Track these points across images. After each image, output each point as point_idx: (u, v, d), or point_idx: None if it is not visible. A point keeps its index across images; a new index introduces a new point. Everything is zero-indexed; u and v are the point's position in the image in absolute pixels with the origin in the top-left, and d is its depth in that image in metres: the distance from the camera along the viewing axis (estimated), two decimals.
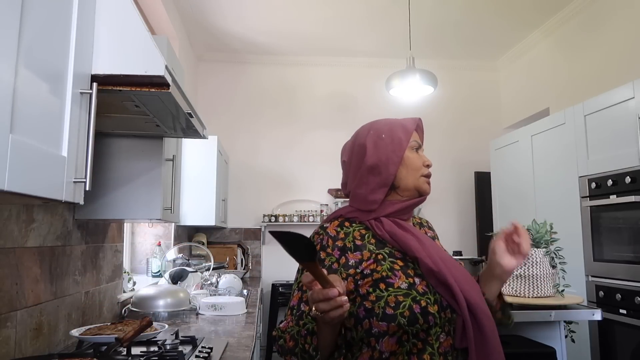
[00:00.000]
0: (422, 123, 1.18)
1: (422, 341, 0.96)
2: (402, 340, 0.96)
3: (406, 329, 0.94)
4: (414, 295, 0.96)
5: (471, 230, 4.79)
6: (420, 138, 1.15)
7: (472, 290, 1.00)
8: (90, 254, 1.94)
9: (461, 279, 0.99)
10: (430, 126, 4.85)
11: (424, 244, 1.03)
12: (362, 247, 1.04)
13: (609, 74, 3.35)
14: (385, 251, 1.03)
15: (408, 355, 0.95)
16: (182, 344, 1.62)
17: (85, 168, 1.00)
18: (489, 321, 0.97)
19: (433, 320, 0.95)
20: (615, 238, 2.65)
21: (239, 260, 4.33)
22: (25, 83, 0.80)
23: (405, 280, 0.98)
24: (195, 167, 3.49)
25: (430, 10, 3.80)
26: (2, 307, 1.30)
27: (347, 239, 1.05)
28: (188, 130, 1.72)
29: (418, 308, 0.95)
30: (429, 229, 1.22)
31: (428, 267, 0.99)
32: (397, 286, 0.97)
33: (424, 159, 1.13)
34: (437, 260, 0.99)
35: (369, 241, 1.05)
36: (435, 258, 1.00)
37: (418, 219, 1.22)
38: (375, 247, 1.04)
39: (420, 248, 1.01)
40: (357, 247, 1.04)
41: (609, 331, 2.64)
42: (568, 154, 3.08)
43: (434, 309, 0.96)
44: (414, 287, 0.98)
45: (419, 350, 0.95)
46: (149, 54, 1.14)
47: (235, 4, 3.74)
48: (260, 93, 4.79)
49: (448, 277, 0.97)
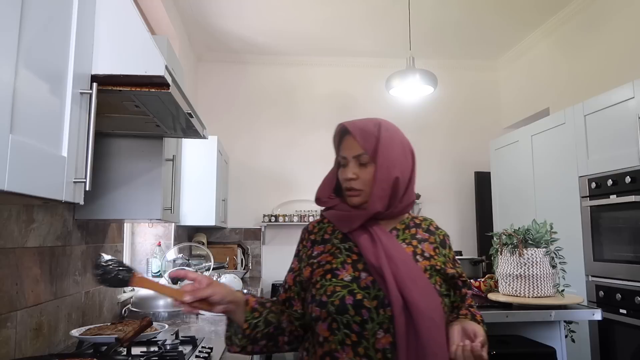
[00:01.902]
0: (355, 128, 1.09)
1: (356, 334, 0.98)
2: (333, 328, 1.00)
3: (335, 317, 0.99)
4: (353, 288, 1.00)
5: (471, 230, 4.79)
6: (360, 145, 1.07)
7: (416, 290, 0.97)
8: (90, 254, 1.94)
9: (405, 278, 0.98)
10: (430, 126, 4.89)
11: (375, 242, 1.04)
12: (328, 241, 1.12)
13: (609, 74, 3.35)
14: (345, 246, 1.09)
15: (341, 344, 0.98)
16: (182, 344, 1.62)
17: (85, 168, 1.00)
18: (426, 322, 0.95)
19: (367, 315, 0.98)
20: (615, 238, 2.65)
21: (239, 260, 4.33)
22: (25, 83, 0.79)
23: (352, 273, 1.03)
24: (195, 167, 3.49)
25: (430, 10, 3.80)
26: (2, 307, 1.30)
27: (318, 233, 1.15)
28: (188, 130, 1.72)
29: (351, 300, 0.99)
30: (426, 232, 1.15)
31: (370, 263, 1.02)
32: (341, 278, 1.02)
33: (344, 173, 1.10)
34: (381, 257, 1.01)
35: (336, 236, 1.12)
36: (380, 255, 1.01)
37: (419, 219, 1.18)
38: (340, 242, 1.10)
39: (370, 246, 1.04)
40: (324, 240, 1.13)
41: (609, 331, 2.64)
42: (568, 154, 3.08)
43: (371, 303, 0.98)
44: (357, 280, 1.02)
45: (354, 343, 0.98)
46: (149, 54, 1.14)
47: (235, 4, 3.74)
48: (260, 93, 4.79)
49: (386, 273, 0.99)
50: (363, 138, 1.07)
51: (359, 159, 1.08)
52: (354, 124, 1.11)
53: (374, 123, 1.11)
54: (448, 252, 1.15)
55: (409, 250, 1.08)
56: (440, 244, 1.14)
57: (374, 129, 1.09)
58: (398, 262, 1.01)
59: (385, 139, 1.08)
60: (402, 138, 1.15)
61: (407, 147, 1.14)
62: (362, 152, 1.07)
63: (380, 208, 1.06)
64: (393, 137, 1.11)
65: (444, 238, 1.17)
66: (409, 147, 1.15)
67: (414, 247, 1.10)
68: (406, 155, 1.12)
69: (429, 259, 1.08)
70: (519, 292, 2.07)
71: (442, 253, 1.13)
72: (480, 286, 2.37)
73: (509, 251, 2.12)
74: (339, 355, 0.98)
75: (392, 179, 1.07)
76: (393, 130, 1.13)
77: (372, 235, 1.06)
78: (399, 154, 1.10)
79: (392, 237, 1.08)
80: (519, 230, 2.14)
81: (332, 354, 0.99)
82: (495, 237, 2.25)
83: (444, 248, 1.15)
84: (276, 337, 1.09)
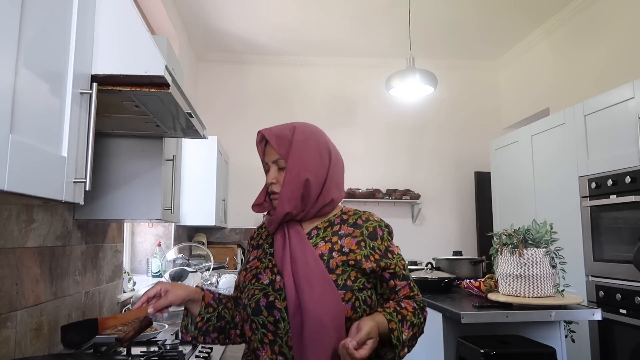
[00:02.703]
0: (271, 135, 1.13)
1: (272, 333, 1.04)
2: (253, 328, 1.07)
3: (252, 318, 1.06)
4: (268, 290, 1.07)
5: (471, 230, 4.79)
6: (276, 150, 1.11)
7: (309, 292, 1.00)
8: (90, 254, 1.94)
9: (302, 280, 1.01)
10: (430, 126, 4.90)
11: (285, 245, 1.09)
12: (260, 246, 1.19)
13: (609, 74, 3.35)
14: (270, 250, 1.14)
15: (261, 343, 1.06)
16: (182, 344, 1.62)
17: (85, 168, 1.00)
18: (312, 323, 0.98)
19: (279, 315, 1.03)
20: (615, 238, 2.65)
21: (239, 260, 4.33)
22: (25, 83, 0.79)
23: (270, 277, 1.09)
24: (195, 167, 3.49)
25: (430, 10, 3.80)
26: (2, 307, 1.30)
27: (256, 239, 1.23)
28: (188, 130, 1.72)
29: (264, 302, 1.05)
30: (351, 226, 1.13)
31: (279, 266, 1.08)
32: (262, 282, 1.09)
33: (267, 178, 1.15)
34: (285, 260, 1.06)
35: (267, 241, 1.18)
36: (285, 258, 1.07)
37: (348, 215, 1.17)
38: (269, 246, 1.16)
39: (280, 249, 1.09)
40: (258, 245, 1.20)
41: (609, 331, 2.64)
42: (568, 154, 3.08)
43: (282, 304, 1.04)
44: (273, 283, 1.07)
45: (270, 341, 1.04)
46: (149, 54, 1.14)
47: (235, 4, 3.74)
48: (260, 93, 4.79)
49: (285, 276, 1.04)
50: (278, 143, 1.11)
51: (277, 164, 1.13)
52: (270, 130, 1.14)
53: (289, 127, 1.14)
54: (379, 244, 1.11)
55: (326, 248, 1.09)
56: (368, 237, 1.11)
57: (288, 134, 1.12)
58: (299, 264, 1.05)
59: (297, 142, 1.11)
60: (319, 139, 1.15)
61: (324, 148, 1.15)
62: (278, 157, 1.12)
63: (289, 209, 1.10)
64: (307, 140, 1.12)
65: (374, 230, 1.12)
66: (326, 148, 1.15)
67: (333, 243, 1.10)
68: (322, 156, 1.13)
69: (346, 254, 1.07)
70: (519, 292, 2.07)
71: (370, 245, 1.09)
72: (480, 286, 2.37)
73: (509, 251, 2.12)
74: (259, 353, 1.06)
75: (301, 181, 1.09)
76: (309, 132, 1.14)
77: (285, 237, 1.11)
78: (312, 156, 1.11)
79: (302, 239, 1.10)
80: (519, 230, 2.13)
81: (255, 352, 1.07)
82: (495, 237, 2.24)
83: (373, 240, 1.11)
84: (228, 330, 1.19)
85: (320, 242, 1.11)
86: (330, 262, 1.06)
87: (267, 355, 1.04)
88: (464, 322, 1.93)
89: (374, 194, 4.52)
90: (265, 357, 1.04)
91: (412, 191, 4.64)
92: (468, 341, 1.98)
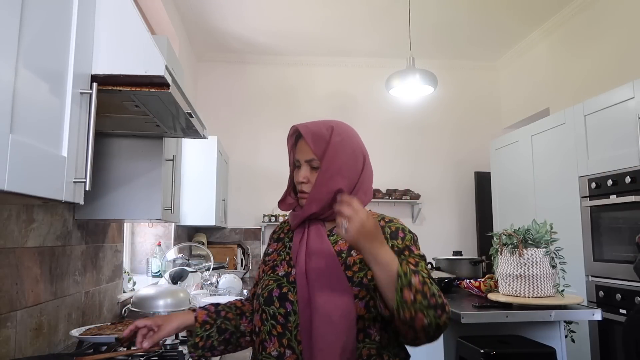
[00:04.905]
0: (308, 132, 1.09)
1: (281, 325, 1.03)
2: (263, 319, 1.07)
3: (263, 308, 1.07)
4: (282, 282, 1.07)
5: (471, 230, 4.79)
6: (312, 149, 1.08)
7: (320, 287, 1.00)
8: (90, 254, 1.94)
9: (314, 275, 1.02)
10: (430, 126, 4.90)
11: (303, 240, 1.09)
12: (281, 240, 1.20)
13: (609, 74, 3.35)
14: (290, 244, 1.15)
15: (269, 334, 1.05)
16: (182, 344, 1.62)
17: (85, 168, 1.00)
18: (320, 318, 0.97)
19: (290, 307, 1.03)
20: (615, 238, 2.65)
21: (239, 260, 4.33)
22: (25, 83, 0.79)
23: (286, 269, 1.10)
24: (195, 167, 3.49)
25: (430, 10, 3.80)
26: (2, 307, 1.30)
27: (278, 232, 1.24)
28: (188, 130, 1.72)
29: (277, 292, 1.06)
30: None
31: (293, 259, 1.08)
32: (277, 273, 1.10)
33: (297, 176, 1.13)
34: (301, 254, 1.06)
35: (288, 235, 1.19)
36: (300, 252, 1.07)
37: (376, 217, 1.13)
38: (289, 240, 1.17)
39: (297, 243, 1.10)
40: (279, 239, 1.21)
41: (609, 331, 2.64)
42: (568, 154, 3.08)
43: (294, 297, 1.03)
44: (288, 275, 1.08)
45: (279, 334, 1.03)
46: (149, 54, 1.14)
47: (235, 4, 3.74)
48: (260, 93, 4.79)
49: (298, 268, 1.05)
50: (314, 142, 1.08)
51: (311, 163, 1.11)
52: (307, 127, 1.11)
53: (326, 127, 1.11)
54: (398, 243, 1.08)
55: (346, 245, 1.08)
56: (389, 235, 1.09)
57: (325, 133, 1.09)
58: (313, 258, 1.05)
59: (334, 143, 1.08)
60: (354, 142, 1.13)
61: (359, 152, 1.13)
62: (313, 157, 1.09)
63: (316, 210, 1.09)
64: (343, 142, 1.10)
65: (396, 230, 1.10)
66: (360, 152, 1.14)
67: None
68: (356, 161, 1.11)
69: None
70: (519, 292, 2.07)
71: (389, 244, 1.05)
72: (480, 286, 2.37)
73: (509, 251, 2.12)
74: (267, 345, 1.05)
75: (333, 188, 1.07)
76: (345, 135, 1.12)
77: (304, 232, 1.11)
78: (346, 160, 1.09)
79: (321, 235, 1.09)
80: (519, 230, 2.14)
81: (262, 343, 1.06)
82: (495, 237, 2.25)
83: (393, 239, 1.08)
84: (236, 340, 1.19)
85: (340, 240, 1.10)
86: (348, 259, 1.06)
87: (274, 347, 1.03)
88: (464, 322, 1.93)
89: (374, 194, 4.53)
90: (273, 349, 1.03)
91: (412, 191, 4.64)
92: (468, 341, 1.98)
